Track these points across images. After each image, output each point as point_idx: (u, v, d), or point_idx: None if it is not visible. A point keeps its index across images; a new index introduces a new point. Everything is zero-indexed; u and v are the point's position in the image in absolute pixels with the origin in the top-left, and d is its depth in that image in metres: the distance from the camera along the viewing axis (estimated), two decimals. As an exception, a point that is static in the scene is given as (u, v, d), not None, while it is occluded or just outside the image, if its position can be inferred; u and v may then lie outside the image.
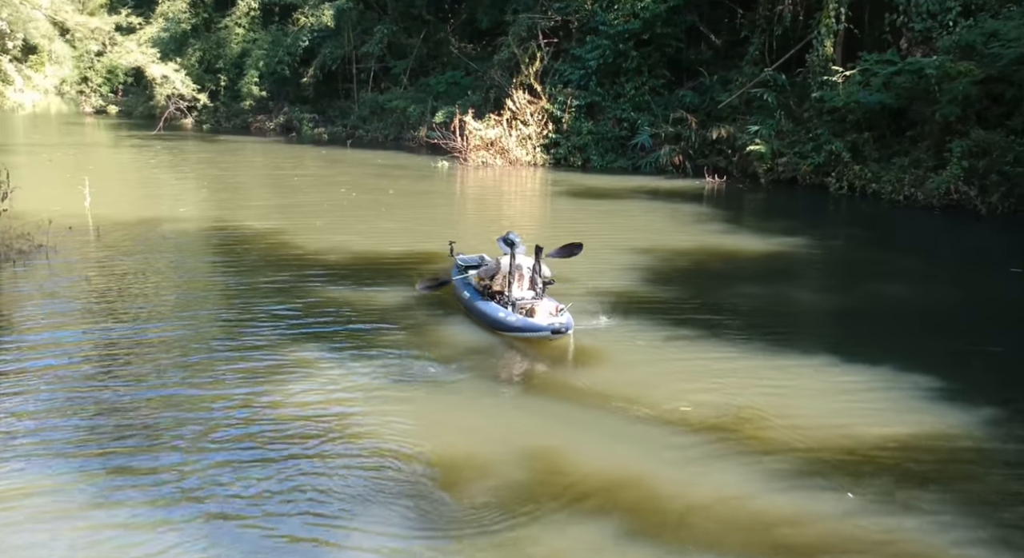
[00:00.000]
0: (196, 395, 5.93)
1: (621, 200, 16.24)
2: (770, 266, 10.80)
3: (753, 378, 6.33)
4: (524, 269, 7.70)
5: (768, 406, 5.74)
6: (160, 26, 33.74)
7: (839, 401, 5.97)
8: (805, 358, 6.83)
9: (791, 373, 6.49)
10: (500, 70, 23.32)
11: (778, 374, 6.45)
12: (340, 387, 6.07)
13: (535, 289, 7.62)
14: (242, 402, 5.77)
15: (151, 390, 6.03)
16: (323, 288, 8.91)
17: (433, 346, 7.05)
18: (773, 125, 18.07)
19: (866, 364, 6.66)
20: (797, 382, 6.29)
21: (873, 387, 6.23)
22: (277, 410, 5.63)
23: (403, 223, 13.05)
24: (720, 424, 5.46)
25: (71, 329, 7.38)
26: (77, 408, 5.66)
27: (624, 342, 7.22)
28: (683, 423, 5.47)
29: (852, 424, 5.52)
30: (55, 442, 5.11)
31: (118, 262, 9.92)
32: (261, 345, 7.00)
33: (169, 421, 5.47)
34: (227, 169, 20.95)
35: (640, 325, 7.67)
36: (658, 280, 9.53)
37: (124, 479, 4.70)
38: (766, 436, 5.32)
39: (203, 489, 4.59)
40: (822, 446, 5.20)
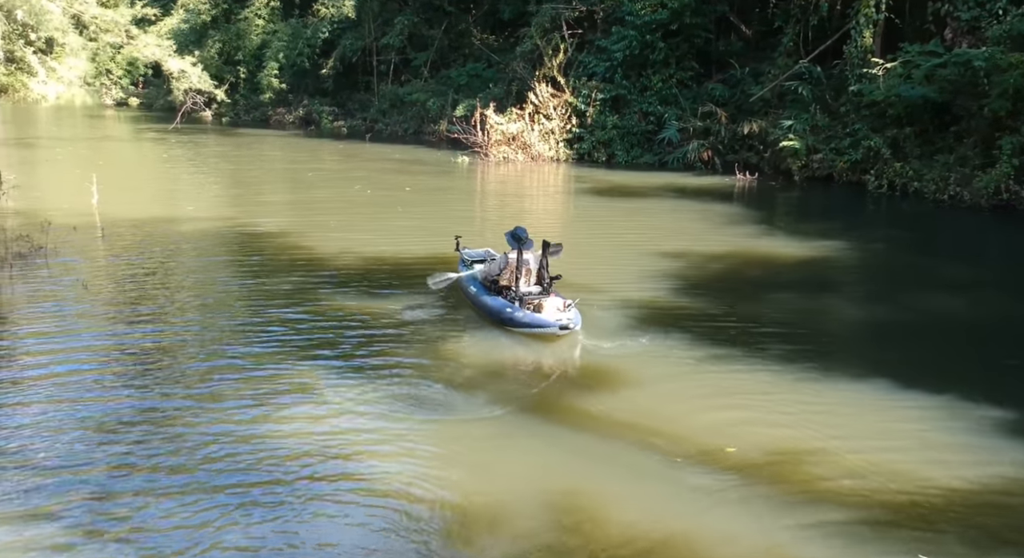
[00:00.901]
0: (190, 417, 5.41)
1: (647, 198, 15.57)
2: (809, 273, 10.10)
3: (800, 408, 5.68)
4: (531, 264, 7.65)
5: (820, 444, 5.10)
6: (180, 18, 33.49)
7: (898, 437, 5.30)
8: (856, 383, 6.17)
9: (841, 402, 5.83)
10: (523, 62, 22.66)
11: (827, 403, 5.80)
12: (344, 412, 5.52)
13: (542, 284, 7.57)
14: (237, 429, 5.24)
15: (136, 407, 5.57)
16: (332, 293, 8.38)
17: (446, 363, 6.47)
18: (808, 120, 17.26)
19: (925, 391, 5.99)
20: (849, 412, 5.63)
21: (936, 420, 5.56)
22: (273, 440, 5.08)
23: (419, 222, 12.49)
24: (768, 467, 4.82)
25: (60, 338, 6.91)
26: (58, 425, 5.22)
27: (655, 361, 6.59)
28: (726, 465, 4.84)
29: (915, 467, 4.86)
30: (36, 468, 4.62)
31: (119, 266, 9.45)
32: (263, 359, 6.48)
33: (156, 448, 4.98)
34: (242, 163, 20.55)
35: (672, 341, 7.03)
36: (689, 288, 8.87)
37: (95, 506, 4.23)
38: (820, 482, 4.68)
39: (181, 538, 4.06)
40: (885, 493, 4.55)
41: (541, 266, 7.58)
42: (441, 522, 4.24)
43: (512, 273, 7.55)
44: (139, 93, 40.39)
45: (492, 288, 7.73)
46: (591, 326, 7.28)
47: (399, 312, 7.82)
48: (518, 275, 7.49)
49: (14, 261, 9.27)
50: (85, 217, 11.95)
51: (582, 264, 9.94)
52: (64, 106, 41.67)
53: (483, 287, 7.82)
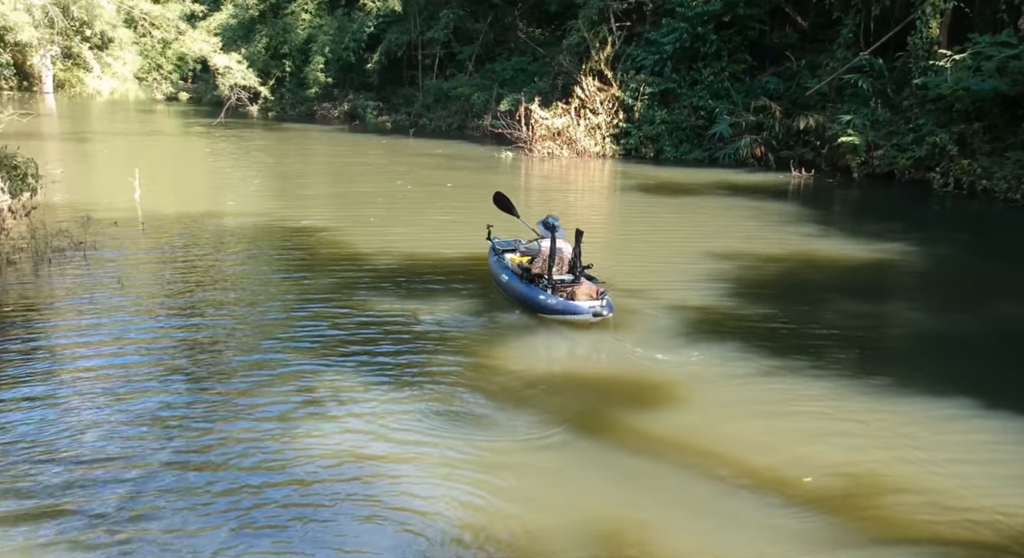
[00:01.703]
0: (219, 418, 5.17)
1: (698, 196, 15.00)
2: (873, 277, 9.49)
3: (878, 431, 5.17)
4: (564, 253, 7.71)
5: (906, 474, 4.59)
6: (229, 13, 33.77)
7: (991, 468, 4.76)
8: (937, 403, 5.61)
9: (923, 425, 5.29)
10: (569, 56, 22.17)
11: (907, 425, 5.26)
12: (378, 425, 5.17)
13: (574, 273, 7.63)
14: (265, 436, 4.95)
15: (166, 403, 5.44)
16: (370, 291, 8.09)
17: (487, 372, 6.10)
18: (868, 114, 16.48)
19: (1011, 409, 5.43)
20: (934, 439, 5.08)
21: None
22: (299, 453, 4.77)
23: (459, 217, 12.15)
24: (849, 499, 4.31)
25: (91, 334, 6.75)
26: (86, 421, 5.08)
27: (713, 375, 6.12)
28: (802, 498, 4.34)
29: (1014, 504, 4.33)
30: (65, 462, 4.40)
31: (157, 262, 9.29)
32: (296, 360, 6.21)
33: (184, 447, 4.80)
34: (285, 158, 20.49)
35: (730, 352, 6.55)
36: (744, 292, 8.35)
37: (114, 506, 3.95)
38: (909, 520, 4.18)
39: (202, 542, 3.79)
40: (987, 536, 4.04)
41: (574, 254, 7.64)
42: (477, 554, 3.87)
43: (545, 261, 7.61)
44: (188, 88, 40.93)
45: (524, 276, 7.80)
46: (643, 335, 6.86)
47: (439, 312, 7.49)
48: (551, 263, 7.53)
49: (53, 256, 9.18)
50: (127, 212, 11.89)
51: (630, 265, 9.53)
52: (118, 101, 42.47)
53: (515, 275, 7.92)
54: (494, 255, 8.52)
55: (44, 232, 9.77)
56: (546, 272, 7.55)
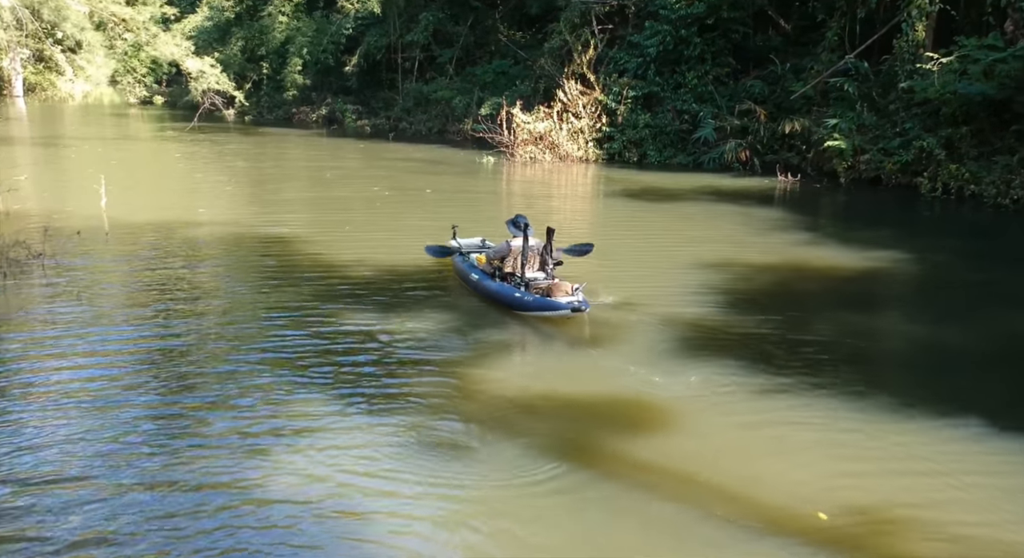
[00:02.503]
0: (172, 457, 4.71)
1: (683, 201, 14.69)
2: (869, 288, 9.20)
3: (887, 456, 4.83)
4: (535, 250, 7.77)
5: (924, 508, 4.25)
6: (204, 15, 33.13)
7: (1014, 493, 4.44)
8: (947, 423, 5.29)
9: (939, 451, 4.94)
10: (551, 59, 21.83)
11: (922, 451, 4.93)
12: (347, 456, 4.76)
13: (545, 270, 7.74)
14: (225, 468, 4.53)
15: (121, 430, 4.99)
16: (342, 305, 7.66)
17: (466, 395, 5.70)
18: (854, 118, 16.27)
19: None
20: (954, 468, 4.72)
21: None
22: (261, 493, 4.35)
23: (438, 225, 11.65)
24: (870, 537, 3.96)
25: (44, 351, 6.29)
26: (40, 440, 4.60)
27: (710, 397, 5.76)
28: (816, 536, 3.99)
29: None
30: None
31: (120, 274, 8.81)
32: (263, 384, 5.78)
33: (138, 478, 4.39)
34: (260, 163, 19.98)
35: (726, 372, 6.19)
36: (738, 305, 8.02)
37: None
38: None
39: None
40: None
41: (544, 252, 7.72)
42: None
43: (516, 259, 7.71)
44: (163, 91, 40.18)
45: (495, 275, 7.88)
46: (634, 353, 6.50)
47: (417, 324, 7.11)
48: (523, 261, 7.62)
49: (8, 269, 8.65)
50: (91, 220, 11.36)
51: (617, 275, 9.17)
52: (92, 104, 41.64)
53: (485, 274, 7.97)
54: (459, 255, 8.64)
55: (0, 242, 9.25)
56: (518, 270, 7.64)
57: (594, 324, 7.39)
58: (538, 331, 7.19)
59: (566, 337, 7.08)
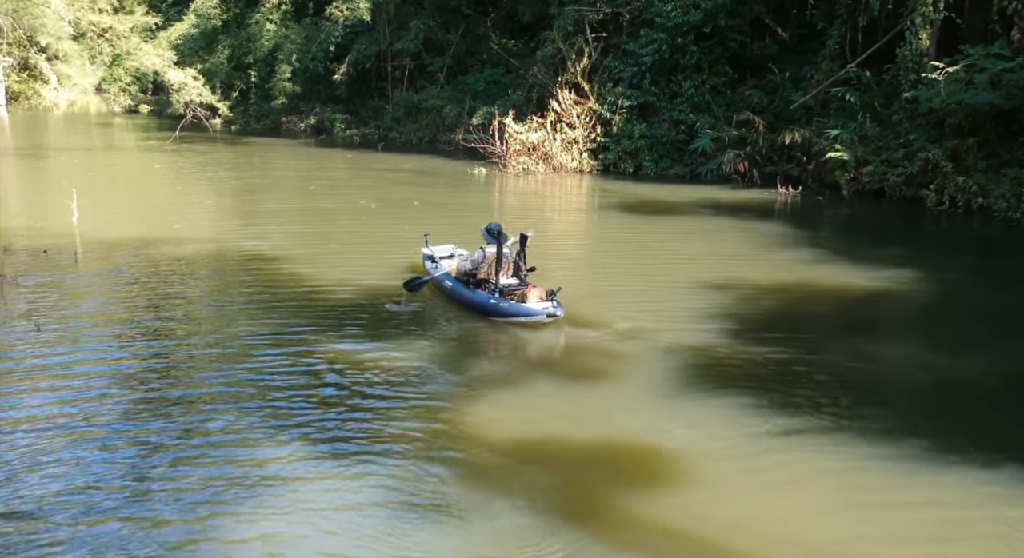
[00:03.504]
0: (125, 505, 4.16)
1: (681, 215, 14.18)
2: (883, 310, 8.69)
3: (924, 518, 4.31)
4: (510, 257, 7.87)
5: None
6: (191, 23, 32.50)
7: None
8: (984, 472, 4.77)
9: (975, 503, 4.43)
10: (544, 67, 21.31)
11: (958, 510, 4.41)
12: (317, 520, 4.21)
13: (519, 276, 7.83)
14: (184, 527, 3.98)
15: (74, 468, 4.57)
16: (321, 336, 7.09)
17: (455, 441, 5.14)
18: (856, 129, 15.80)
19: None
20: (995, 527, 4.22)
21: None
22: (227, 538, 3.80)
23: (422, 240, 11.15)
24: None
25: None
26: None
27: (723, 443, 5.21)
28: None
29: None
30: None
31: (85, 300, 8.19)
32: (226, 430, 5.21)
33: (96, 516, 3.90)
34: (244, 174, 19.36)
35: (739, 411, 5.65)
36: (745, 331, 7.48)
37: None
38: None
39: None
40: None
41: (518, 258, 7.82)
42: None
43: (491, 266, 7.78)
44: (149, 100, 39.54)
45: (470, 282, 7.96)
46: (636, 390, 5.98)
47: (403, 354, 6.59)
48: (498, 268, 7.70)
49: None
50: (61, 238, 10.78)
51: (615, 297, 8.66)
52: (77, 113, 40.97)
53: (460, 282, 8.05)
54: (431, 262, 8.73)
55: (-43, 265, 8.66)
56: (492, 277, 7.73)
57: (594, 354, 6.87)
58: (532, 363, 6.65)
59: (564, 369, 6.55)
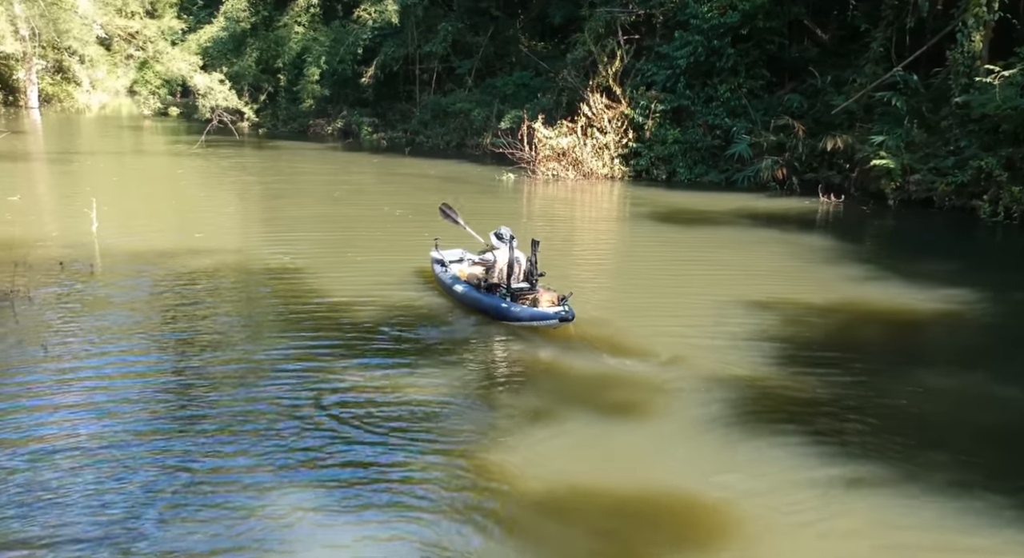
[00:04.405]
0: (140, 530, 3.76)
1: (718, 225, 13.58)
2: (945, 336, 8.06)
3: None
4: (520, 262, 7.95)
5: None
6: (220, 25, 32.45)
7: None
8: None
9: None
10: (574, 70, 20.80)
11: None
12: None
13: (530, 280, 7.89)
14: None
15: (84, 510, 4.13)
16: (341, 361, 6.65)
17: (482, 489, 4.67)
18: (902, 135, 15.08)
19: None
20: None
21: None
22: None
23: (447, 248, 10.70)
24: None
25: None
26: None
27: (772, 490, 4.68)
28: None
29: None
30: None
31: (98, 318, 7.80)
32: (238, 469, 4.80)
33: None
34: (267, 180, 19.07)
35: (787, 452, 5.14)
36: (795, 360, 6.92)
37: None
38: None
39: None
40: None
41: (529, 263, 7.88)
42: None
43: (502, 270, 7.86)
44: (178, 103, 39.64)
45: (480, 286, 8.03)
46: (681, 432, 5.45)
47: (428, 382, 6.15)
48: (510, 272, 7.77)
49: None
50: (78, 248, 10.49)
51: (650, 318, 8.15)
52: (109, 116, 41.20)
53: (470, 286, 8.14)
54: (440, 266, 8.81)
55: (-32, 279, 8.38)
56: (504, 281, 7.80)
57: (633, 385, 6.35)
58: (566, 395, 6.14)
59: (601, 402, 6.03)
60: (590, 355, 6.96)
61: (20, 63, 37.15)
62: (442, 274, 8.63)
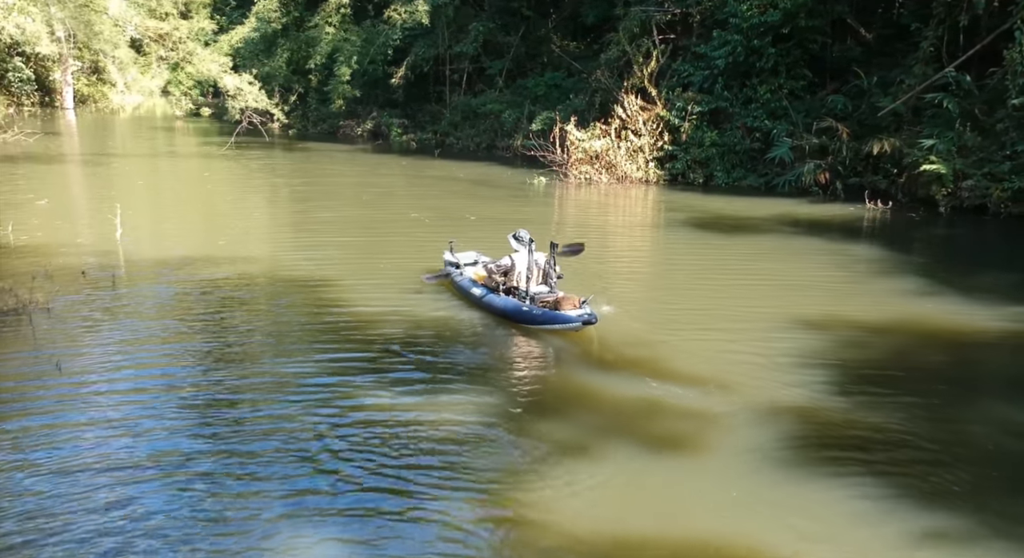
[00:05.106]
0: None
1: (759, 233, 13.00)
2: (1019, 359, 7.46)
3: None
4: (539, 264, 7.88)
5: None
6: (252, 26, 32.45)
7: None
8: None
9: None
10: (608, 71, 20.27)
11: None
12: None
13: (548, 283, 7.85)
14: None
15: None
16: (365, 383, 6.28)
17: (516, 525, 4.25)
18: (954, 138, 14.35)
19: None
20: None
21: None
22: None
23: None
24: None
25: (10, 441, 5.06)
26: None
27: (840, 545, 4.20)
28: None
29: None
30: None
31: (116, 335, 7.50)
32: (249, 510, 4.42)
33: None
34: (294, 182, 18.87)
35: (854, 497, 4.64)
36: (854, 388, 6.39)
37: None
38: None
39: None
40: None
41: (548, 266, 7.88)
42: None
43: (521, 273, 7.82)
44: (210, 103, 39.80)
45: (499, 289, 7.95)
46: (737, 475, 4.98)
47: (455, 415, 5.71)
48: (529, 275, 7.74)
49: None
50: (102, 257, 10.28)
51: (693, 333, 7.67)
52: (143, 116, 41.55)
53: (488, 289, 8.06)
54: (454, 269, 8.76)
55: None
56: (523, 284, 7.75)
57: (680, 415, 5.88)
58: (608, 426, 5.69)
59: (646, 436, 5.56)
60: (629, 378, 6.51)
61: (56, 64, 37.54)
62: (458, 277, 8.59)
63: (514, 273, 7.88)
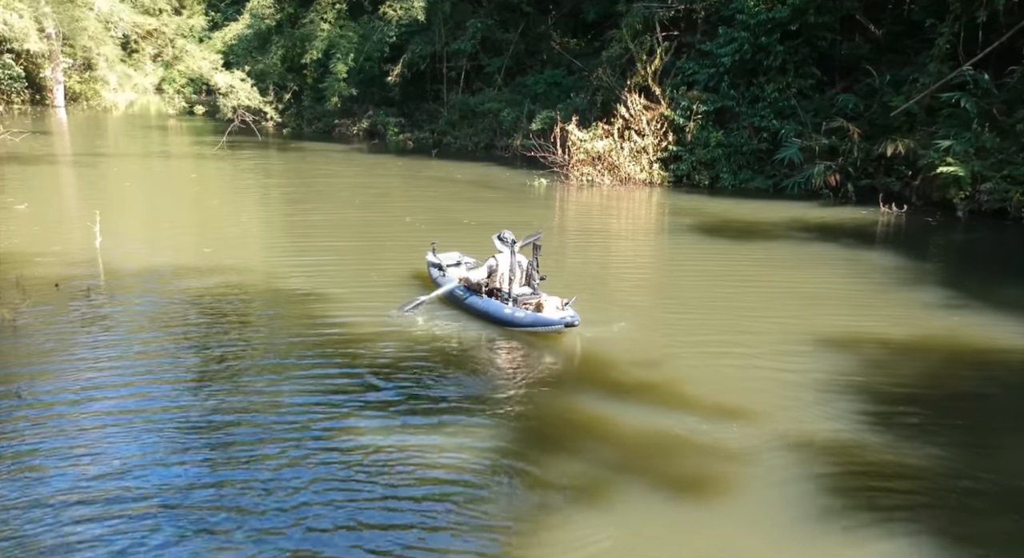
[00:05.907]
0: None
1: (769, 239, 12.45)
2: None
3: None
4: (522, 266, 7.85)
5: None
6: (246, 23, 31.81)
7: None
8: None
9: None
10: (610, 69, 19.69)
11: None
12: None
13: (531, 285, 7.81)
14: None
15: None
16: (356, 412, 5.74)
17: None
18: (971, 139, 13.82)
19: None
20: None
21: None
22: None
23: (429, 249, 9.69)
24: None
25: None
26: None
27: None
28: None
29: None
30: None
31: (87, 355, 6.92)
32: (236, 535, 3.89)
33: None
34: (285, 184, 18.28)
35: (898, 546, 4.11)
36: (885, 415, 5.86)
37: None
38: None
39: None
40: None
41: (531, 267, 7.79)
42: None
43: (503, 275, 7.73)
44: (203, 101, 39.15)
45: (481, 291, 7.87)
46: (763, 515, 4.44)
47: (454, 445, 5.18)
48: (511, 277, 7.69)
49: (-52, 342, 6.97)
50: (79, 266, 9.72)
51: (706, 352, 7.13)
52: (136, 114, 40.88)
53: (470, 290, 7.96)
54: (437, 270, 8.67)
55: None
56: (505, 286, 7.66)
57: (699, 451, 5.34)
58: (615, 466, 5.14)
59: (662, 473, 5.03)
60: (640, 405, 5.99)
61: (46, 61, 36.86)
62: (440, 279, 8.49)
63: (497, 275, 7.78)
